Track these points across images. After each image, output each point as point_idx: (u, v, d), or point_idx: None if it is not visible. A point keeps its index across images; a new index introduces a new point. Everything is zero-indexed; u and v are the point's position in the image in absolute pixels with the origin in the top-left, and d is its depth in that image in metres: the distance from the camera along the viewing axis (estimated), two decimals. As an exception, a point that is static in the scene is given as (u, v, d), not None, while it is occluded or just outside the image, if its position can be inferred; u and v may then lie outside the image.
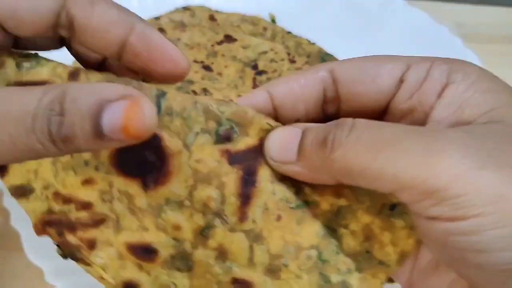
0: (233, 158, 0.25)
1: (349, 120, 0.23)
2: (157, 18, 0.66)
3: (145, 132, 0.21)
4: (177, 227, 0.25)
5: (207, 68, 0.61)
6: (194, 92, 0.56)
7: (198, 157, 0.25)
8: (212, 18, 0.69)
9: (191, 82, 0.58)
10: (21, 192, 0.26)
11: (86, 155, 0.26)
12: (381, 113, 0.27)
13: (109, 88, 0.21)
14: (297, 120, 0.27)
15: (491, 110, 0.23)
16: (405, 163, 0.21)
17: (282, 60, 0.64)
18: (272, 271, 0.25)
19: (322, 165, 0.23)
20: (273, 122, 0.26)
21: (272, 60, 0.64)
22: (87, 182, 0.26)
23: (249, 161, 0.25)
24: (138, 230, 0.26)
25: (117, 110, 0.20)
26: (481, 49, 0.67)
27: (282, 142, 0.25)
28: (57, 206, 0.26)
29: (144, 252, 0.26)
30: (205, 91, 0.57)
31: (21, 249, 0.46)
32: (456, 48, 0.65)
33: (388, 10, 0.70)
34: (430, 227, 0.21)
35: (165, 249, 0.26)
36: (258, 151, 0.25)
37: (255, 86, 0.60)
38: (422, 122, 0.25)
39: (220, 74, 0.61)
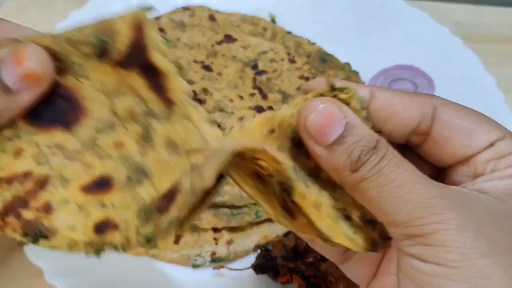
0: (124, 63, 0.26)
1: (384, 148, 0.24)
2: (157, 18, 0.66)
3: (43, 70, 0.24)
4: (119, 145, 0.26)
5: (207, 68, 0.61)
6: (194, 92, 0.56)
7: (99, 80, 0.26)
8: (212, 18, 0.69)
9: (191, 82, 0.58)
10: None
11: (6, 132, 0.26)
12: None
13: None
14: (378, 131, 0.27)
15: None
16: (404, 206, 0.23)
17: (282, 60, 0.64)
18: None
19: (340, 170, 0.25)
20: None
21: (272, 60, 0.64)
22: (17, 153, 0.26)
23: (138, 57, 0.26)
24: (84, 171, 0.26)
25: (10, 65, 0.24)
26: (481, 49, 0.67)
27: (324, 122, 0.25)
28: (5, 193, 0.25)
29: (99, 186, 0.25)
30: (205, 91, 0.57)
31: (21, 249, 0.46)
32: (456, 48, 0.65)
33: (388, 10, 0.70)
34: (406, 261, 0.24)
35: (118, 173, 0.26)
36: (137, 45, 0.26)
37: (255, 86, 0.60)
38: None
39: (220, 74, 0.61)
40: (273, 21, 0.71)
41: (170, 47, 0.62)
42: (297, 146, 0.26)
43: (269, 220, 0.52)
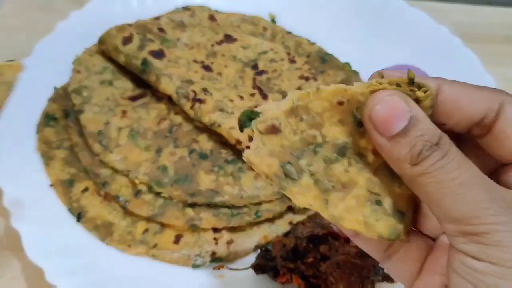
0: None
1: (446, 145, 0.25)
2: (157, 18, 0.66)
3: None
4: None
5: (207, 68, 0.61)
6: (194, 92, 0.56)
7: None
8: (212, 18, 0.69)
9: (191, 82, 0.58)
10: None
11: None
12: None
13: None
14: (443, 123, 0.27)
15: None
16: (463, 204, 0.24)
17: (282, 60, 0.64)
18: None
19: (401, 162, 0.25)
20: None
21: (272, 60, 0.64)
22: None
23: None
24: None
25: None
26: (480, 49, 0.67)
27: (389, 113, 0.25)
28: None
29: None
30: (205, 91, 0.57)
31: (21, 249, 0.46)
32: (456, 48, 0.65)
33: (388, 10, 0.70)
34: (459, 258, 0.24)
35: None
36: None
37: (255, 86, 0.60)
38: None
39: (220, 74, 0.61)
40: (273, 21, 0.71)
41: (170, 47, 0.62)
42: (358, 123, 0.27)
43: (269, 220, 0.52)
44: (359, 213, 0.28)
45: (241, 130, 0.28)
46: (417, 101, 0.26)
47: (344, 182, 0.28)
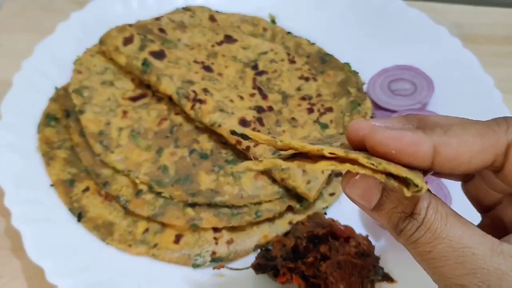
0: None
1: (422, 215, 0.25)
2: (157, 19, 0.66)
3: None
4: None
5: (207, 68, 0.61)
6: (194, 92, 0.56)
7: None
8: (212, 18, 0.69)
9: (191, 82, 0.58)
10: None
11: None
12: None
13: None
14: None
15: None
16: (439, 278, 0.25)
17: (282, 60, 0.64)
18: None
19: (390, 231, 0.26)
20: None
21: (272, 61, 0.64)
22: None
23: None
24: None
25: None
26: (480, 49, 0.67)
27: (360, 192, 0.26)
28: None
29: None
30: (205, 91, 0.57)
31: (22, 248, 0.46)
32: (455, 49, 0.65)
33: (387, 10, 0.70)
34: None
35: None
36: None
37: (255, 86, 0.61)
38: None
39: (220, 74, 0.61)
40: (273, 21, 0.71)
41: (170, 47, 0.62)
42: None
43: (269, 220, 0.52)
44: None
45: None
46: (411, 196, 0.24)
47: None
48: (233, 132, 0.27)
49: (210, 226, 0.50)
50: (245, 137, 0.26)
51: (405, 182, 0.23)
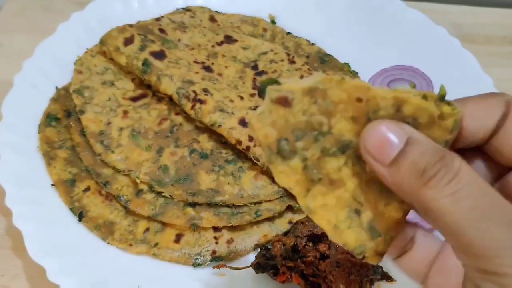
0: None
1: (456, 164, 0.23)
2: (157, 19, 0.67)
3: None
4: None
5: (207, 68, 0.61)
6: (195, 92, 0.57)
7: None
8: (212, 19, 0.69)
9: (191, 82, 0.58)
10: None
11: None
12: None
13: None
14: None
15: None
16: (483, 240, 0.22)
17: (282, 60, 0.64)
18: None
19: (408, 188, 0.24)
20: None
21: (272, 61, 0.64)
22: None
23: None
24: None
25: None
26: (478, 50, 0.67)
27: (382, 141, 0.24)
28: None
29: None
30: (205, 91, 0.57)
31: (23, 248, 0.46)
32: (454, 49, 0.66)
33: (387, 11, 0.70)
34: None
35: None
36: None
37: (255, 86, 0.61)
38: None
39: (220, 74, 0.61)
40: (273, 22, 0.71)
41: (170, 48, 0.62)
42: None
43: (269, 219, 0.52)
44: (333, 214, 0.27)
45: (260, 96, 0.27)
46: (441, 117, 0.25)
47: (333, 179, 0.27)
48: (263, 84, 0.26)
49: (210, 225, 0.51)
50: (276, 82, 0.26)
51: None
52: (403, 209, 0.27)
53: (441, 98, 0.25)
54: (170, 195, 0.51)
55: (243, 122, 0.55)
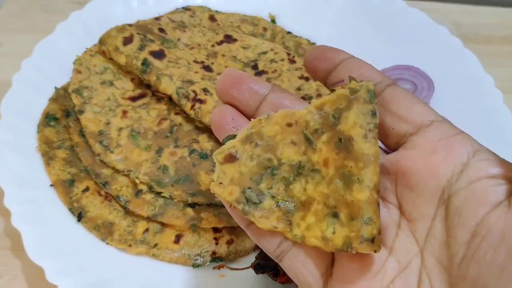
0: None
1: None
2: (157, 18, 0.66)
3: None
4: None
5: (207, 68, 0.61)
6: (194, 92, 0.56)
7: None
8: (212, 18, 0.69)
9: (191, 82, 0.58)
10: None
11: None
12: None
13: None
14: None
15: None
16: None
17: (282, 60, 0.64)
18: None
19: None
20: None
21: (272, 61, 0.64)
22: None
23: None
24: None
25: None
26: (480, 49, 0.67)
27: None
28: None
29: None
30: (205, 91, 0.57)
31: (22, 248, 0.46)
32: (456, 49, 0.65)
33: (388, 10, 0.70)
34: None
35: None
36: None
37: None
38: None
39: (220, 74, 0.61)
40: (273, 21, 0.71)
41: (170, 47, 0.62)
42: (308, 140, 0.29)
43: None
44: (317, 229, 0.28)
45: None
46: (352, 91, 0.28)
47: (303, 200, 0.28)
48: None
49: (210, 226, 0.50)
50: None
51: None
52: (364, 186, 0.27)
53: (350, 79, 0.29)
54: (169, 196, 0.51)
55: (243, 122, 0.55)
